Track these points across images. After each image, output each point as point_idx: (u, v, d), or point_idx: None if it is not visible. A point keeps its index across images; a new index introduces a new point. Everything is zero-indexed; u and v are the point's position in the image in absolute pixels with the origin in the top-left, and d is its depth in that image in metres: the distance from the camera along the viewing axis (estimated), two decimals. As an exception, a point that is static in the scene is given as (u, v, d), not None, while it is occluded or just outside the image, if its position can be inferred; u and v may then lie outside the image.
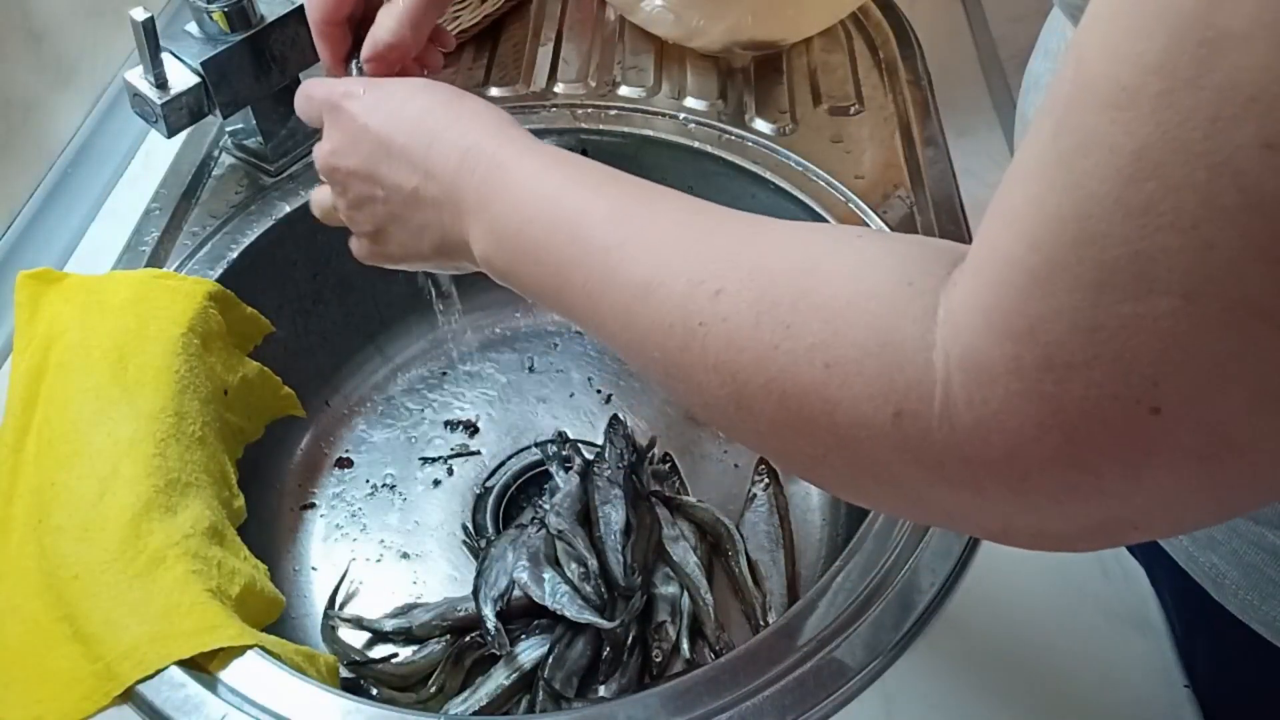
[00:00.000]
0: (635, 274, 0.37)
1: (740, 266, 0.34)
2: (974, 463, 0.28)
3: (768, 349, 0.32)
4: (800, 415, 0.32)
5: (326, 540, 0.80)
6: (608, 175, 0.43)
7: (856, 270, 0.32)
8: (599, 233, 0.39)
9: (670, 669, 0.68)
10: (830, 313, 0.31)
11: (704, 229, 0.38)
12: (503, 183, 0.43)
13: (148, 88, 0.72)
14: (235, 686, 0.53)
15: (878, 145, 0.83)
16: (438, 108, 0.46)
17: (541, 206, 0.42)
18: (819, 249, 0.34)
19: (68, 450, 0.61)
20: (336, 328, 0.88)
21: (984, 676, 0.53)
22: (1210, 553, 0.50)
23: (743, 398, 0.34)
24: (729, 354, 0.33)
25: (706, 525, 0.76)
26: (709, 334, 0.34)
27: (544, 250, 0.41)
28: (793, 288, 0.33)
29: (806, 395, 0.31)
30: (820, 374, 0.31)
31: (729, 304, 0.34)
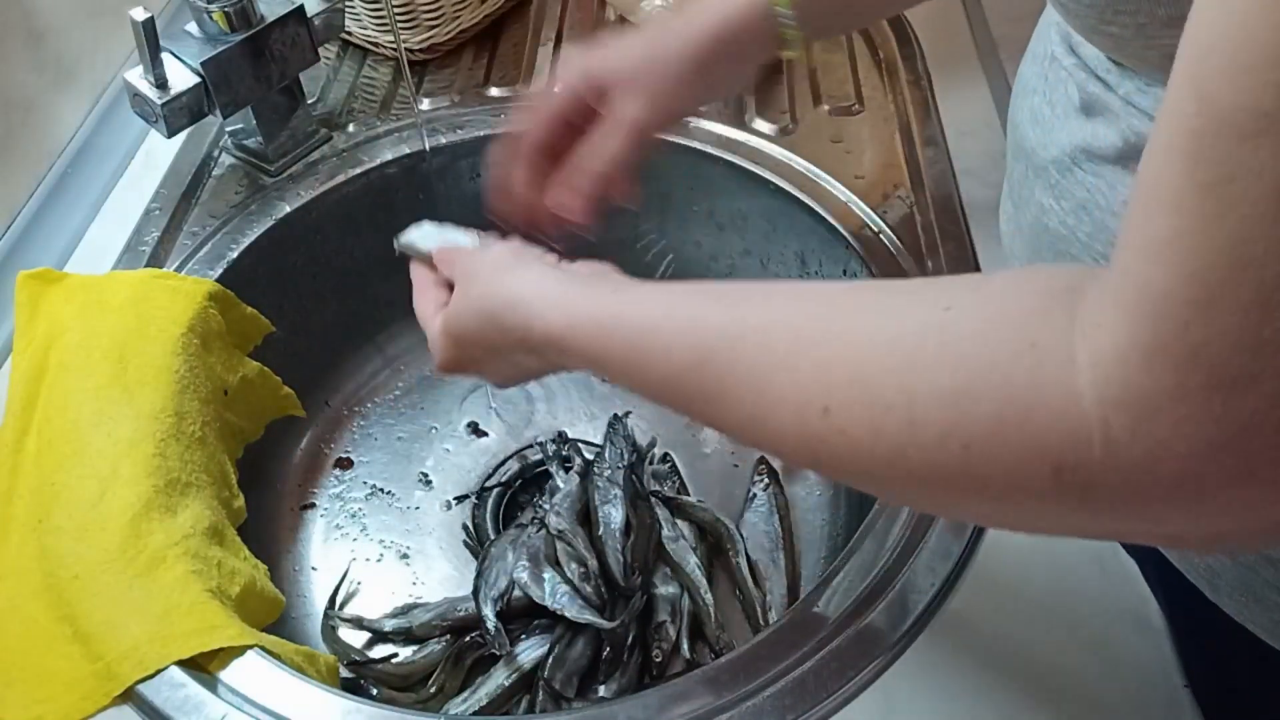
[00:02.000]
0: (740, 414, 0.38)
1: (837, 376, 0.34)
2: (1149, 495, 0.28)
3: (896, 449, 0.32)
4: (951, 493, 0.33)
5: (326, 540, 0.80)
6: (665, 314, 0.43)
7: (966, 348, 0.32)
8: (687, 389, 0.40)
9: (670, 669, 0.68)
10: (953, 399, 0.31)
11: (788, 344, 0.37)
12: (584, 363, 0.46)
13: (148, 88, 0.72)
14: (235, 686, 0.53)
15: (878, 145, 0.83)
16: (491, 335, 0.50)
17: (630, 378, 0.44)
18: (913, 338, 0.33)
19: (68, 450, 0.61)
20: (336, 328, 0.88)
21: (983, 676, 0.53)
22: (1204, 554, 0.50)
23: (886, 488, 0.35)
24: (861, 460, 0.34)
25: (706, 525, 0.76)
26: (832, 450, 0.35)
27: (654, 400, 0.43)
28: (903, 385, 0.32)
29: (953, 477, 0.32)
30: (960, 456, 0.31)
31: (841, 419, 0.34)
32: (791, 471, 0.81)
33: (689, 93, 0.56)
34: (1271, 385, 0.25)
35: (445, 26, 0.92)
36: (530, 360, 0.50)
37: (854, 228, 0.76)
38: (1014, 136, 0.55)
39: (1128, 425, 0.27)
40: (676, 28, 0.57)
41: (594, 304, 0.45)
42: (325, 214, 0.83)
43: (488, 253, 0.53)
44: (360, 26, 0.93)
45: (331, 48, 0.95)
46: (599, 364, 0.45)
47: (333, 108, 0.89)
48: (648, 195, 0.90)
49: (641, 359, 0.42)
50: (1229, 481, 0.27)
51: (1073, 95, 0.47)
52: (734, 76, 0.58)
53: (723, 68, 0.56)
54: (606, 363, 0.44)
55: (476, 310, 0.50)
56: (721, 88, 0.57)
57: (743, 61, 0.57)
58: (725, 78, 0.57)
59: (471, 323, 0.51)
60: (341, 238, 0.84)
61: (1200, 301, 0.26)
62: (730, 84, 0.58)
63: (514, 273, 0.50)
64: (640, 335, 0.42)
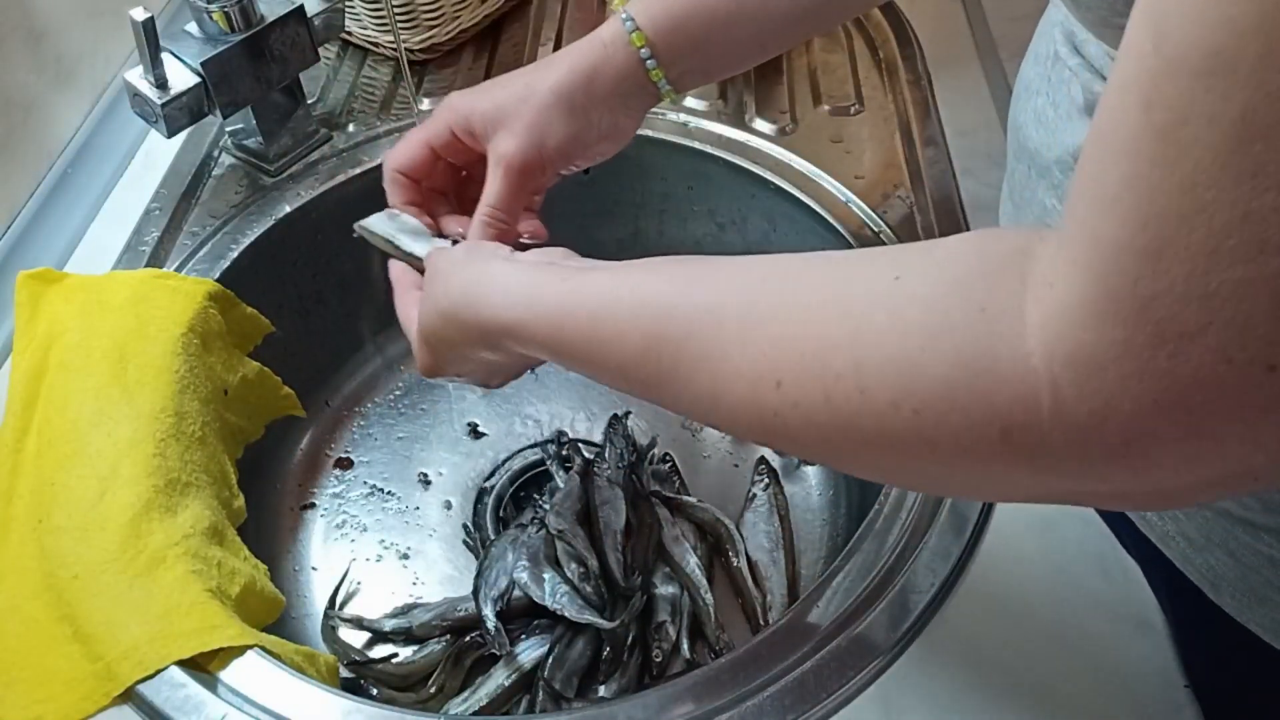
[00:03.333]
0: (696, 392, 0.39)
1: (788, 350, 0.35)
2: (1096, 454, 0.28)
3: (849, 417, 0.33)
4: (904, 457, 0.33)
5: (326, 540, 0.80)
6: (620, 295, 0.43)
7: (915, 316, 0.32)
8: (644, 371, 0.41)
9: (670, 669, 0.68)
10: (901, 366, 0.31)
11: (739, 320, 0.38)
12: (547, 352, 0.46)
13: (148, 88, 0.72)
14: (235, 686, 0.53)
15: (878, 145, 0.83)
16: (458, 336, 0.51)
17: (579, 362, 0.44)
18: (861, 307, 0.34)
19: (68, 450, 0.61)
20: (336, 328, 0.88)
21: (983, 676, 0.53)
22: (1206, 554, 0.50)
23: (841, 457, 0.36)
24: (813, 431, 0.35)
25: (706, 525, 0.76)
26: (786, 421, 0.35)
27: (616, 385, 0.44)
28: (853, 355, 0.33)
29: (906, 441, 0.32)
30: (911, 420, 0.31)
31: (794, 392, 0.34)
32: (791, 471, 0.81)
33: (560, 127, 0.57)
34: (1217, 339, 0.25)
35: (445, 26, 0.92)
36: (495, 355, 0.50)
37: (854, 228, 0.76)
38: (1016, 137, 0.55)
39: (1075, 383, 0.27)
40: (550, 64, 0.58)
41: (545, 294, 0.45)
42: (325, 214, 0.82)
43: (447, 252, 0.54)
44: (360, 26, 0.93)
45: (331, 48, 0.95)
46: (556, 353, 0.45)
47: (333, 108, 0.89)
48: (648, 195, 0.90)
49: (597, 346, 0.43)
50: (1175, 438, 0.27)
51: (1076, 95, 0.47)
52: (607, 114, 0.58)
53: (593, 102, 0.57)
54: (563, 351, 0.45)
55: (439, 310, 0.51)
56: (595, 125, 0.58)
57: (614, 99, 0.58)
58: (597, 114, 0.58)
59: (436, 323, 0.51)
60: (341, 238, 0.83)
61: (1151, 252, 0.25)
62: (606, 122, 0.58)
63: (467, 269, 0.50)
64: (593, 322, 0.43)
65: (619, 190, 0.90)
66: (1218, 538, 0.48)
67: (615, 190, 0.90)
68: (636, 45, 0.57)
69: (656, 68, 0.57)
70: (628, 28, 0.57)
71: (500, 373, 0.55)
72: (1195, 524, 0.49)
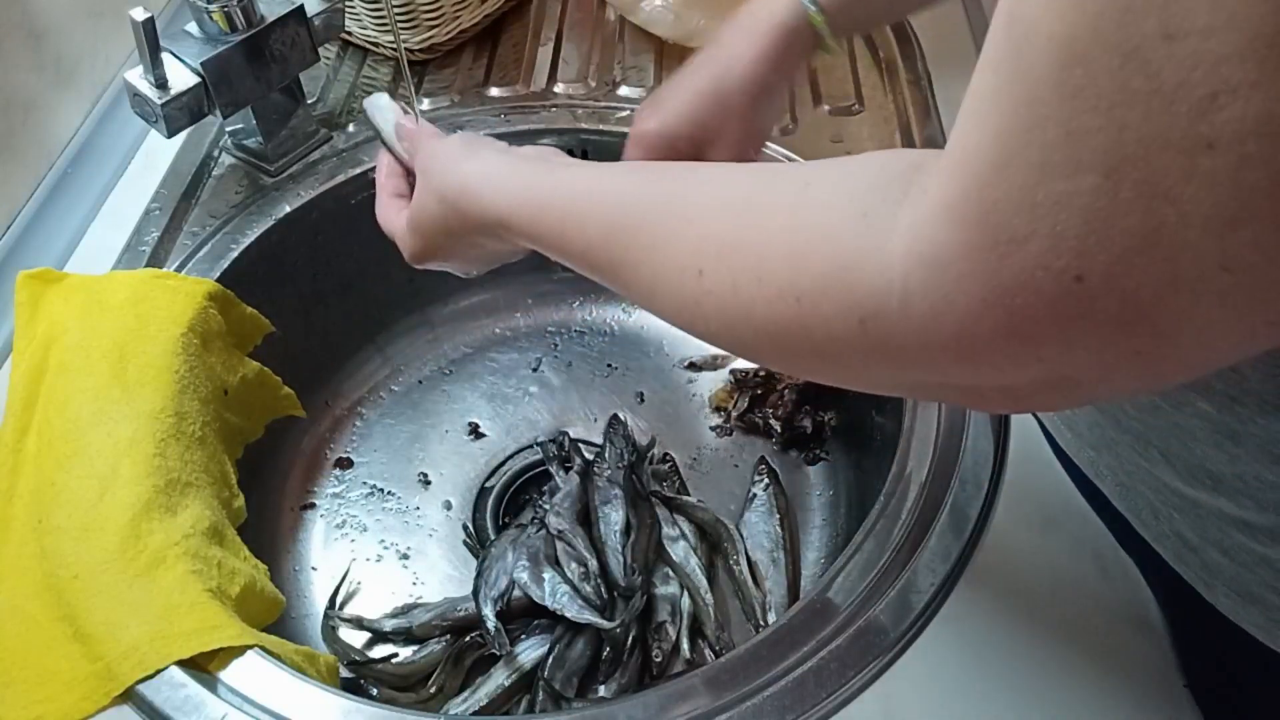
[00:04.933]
0: (640, 279, 0.44)
1: (711, 244, 0.40)
2: (930, 346, 0.31)
3: (748, 303, 0.37)
4: (789, 343, 0.37)
5: (326, 540, 0.80)
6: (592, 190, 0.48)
7: (812, 218, 0.36)
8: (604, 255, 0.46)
9: (670, 669, 0.68)
10: (792, 258, 0.36)
11: (679, 216, 0.43)
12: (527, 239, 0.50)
13: (148, 88, 0.72)
14: (235, 686, 0.53)
15: (878, 145, 0.83)
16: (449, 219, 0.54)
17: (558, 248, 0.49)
18: (777, 203, 0.38)
19: (68, 450, 0.61)
20: (336, 328, 0.88)
21: (983, 676, 0.53)
22: (1200, 553, 0.50)
23: (743, 342, 0.40)
24: (722, 315, 0.39)
25: (706, 525, 0.76)
26: (704, 308, 0.40)
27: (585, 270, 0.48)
28: (758, 250, 0.37)
29: (788, 327, 0.36)
30: (793, 307, 0.35)
31: (710, 280, 0.39)
32: (791, 472, 0.81)
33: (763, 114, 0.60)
34: (1037, 247, 0.27)
35: (445, 26, 0.92)
36: (489, 242, 0.54)
37: (854, 228, 0.76)
38: None
39: (921, 279, 0.30)
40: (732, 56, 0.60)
41: (532, 184, 0.50)
42: (325, 214, 0.83)
43: (444, 142, 0.57)
44: (360, 26, 0.93)
45: (331, 48, 0.95)
46: (537, 240, 0.49)
47: (333, 108, 0.89)
48: (648, 195, 0.90)
49: (567, 232, 0.47)
50: (994, 336, 0.29)
51: None
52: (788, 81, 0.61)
53: (781, 76, 0.60)
54: (541, 238, 0.49)
55: (438, 198, 0.54)
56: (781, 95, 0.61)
57: (796, 62, 0.60)
58: (782, 86, 0.61)
59: (434, 210, 0.55)
60: (341, 238, 0.84)
61: (999, 160, 0.27)
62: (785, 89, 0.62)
63: (467, 160, 0.54)
64: (567, 210, 0.48)
65: (619, 190, 0.90)
66: (1212, 537, 0.48)
67: (615, 190, 0.90)
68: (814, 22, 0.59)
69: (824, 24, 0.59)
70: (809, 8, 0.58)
71: (485, 260, 0.59)
72: (1189, 523, 0.49)
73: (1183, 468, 0.46)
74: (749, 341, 0.40)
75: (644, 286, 0.43)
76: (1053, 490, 0.59)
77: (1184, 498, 0.47)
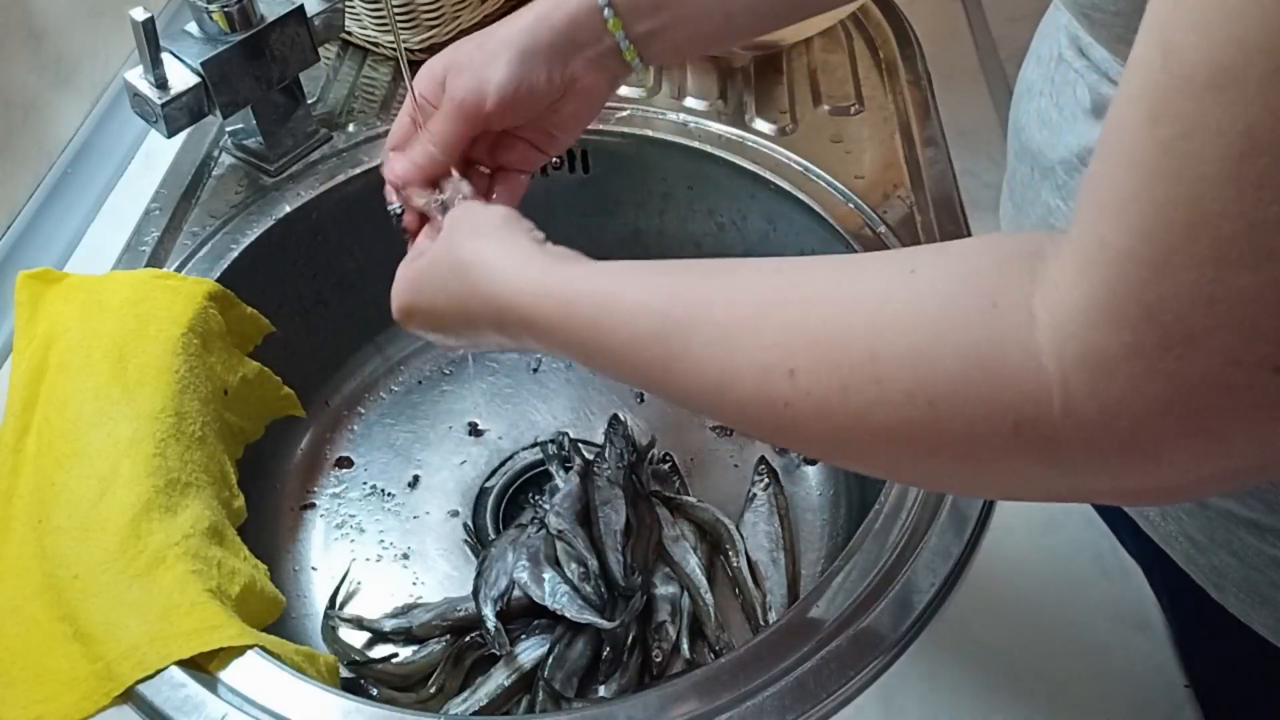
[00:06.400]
0: (704, 380, 0.38)
1: (803, 339, 0.35)
2: (1105, 450, 0.29)
3: (864, 409, 0.33)
4: (916, 450, 0.33)
5: (326, 540, 0.80)
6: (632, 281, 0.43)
7: (929, 307, 0.32)
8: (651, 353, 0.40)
9: (670, 669, 0.68)
10: (917, 357, 0.32)
11: (753, 308, 0.38)
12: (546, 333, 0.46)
13: (148, 88, 0.72)
14: (235, 686, 0.53)
15: (878, 145, 0.83)
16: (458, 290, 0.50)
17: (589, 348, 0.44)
18: (877, 299, 0.34)
19: (68, 450, 0.61)
20: (336, 328, 0.88)
21: (983, 676, 0.53)
22: (1210, 555, 0.50)
23: (851, 448, 0.35)
24: (824, 423, 0.35)
25: (706, 525, 0.76)
26: (798, 413, 0.35)
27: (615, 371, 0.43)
28: (869, 345, 0.33)
29: (917, 435, 0.32)
30: (925, 413, 0.32)
31: (807, 380, 0.34)
32: (792, 471, 0.81)
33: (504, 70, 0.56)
34: (1222, 341, 0.25)
35: (445, 26, 0.92)
36: (488, 326, 0.49)
37: (854, 228, 0.76)
38: (1018, 138, 0.55)
39: (1085, 382, 0.28)
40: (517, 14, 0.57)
41: (564, 276, 0.45)
42: (325, 214, 0.83)
43: (483, 210, 0.54)
44: (360, 26, 0.93)
45: (331, 48, 0.95)
46: (561, 336, 0.45)
47: (333, 108, 0.89)
48: (648, 195, 0.90)
49: (605, 326, 0.42)
50: (1182, 436, 0.27)
51: (1083, 97, 0.47)
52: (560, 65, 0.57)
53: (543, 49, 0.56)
54: (569, 332, 0.44)
55: (453, 260, 0.50)
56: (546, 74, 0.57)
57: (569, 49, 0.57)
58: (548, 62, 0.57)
59: (444, 270, 0.51)
60: (341, 238, 0.84)
61: (1156, 261, 0.26)
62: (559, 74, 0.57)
63: (498, 236, 0.50)
64: (607, 301, 0.42)
65: (619, 190, 0.90)
66: (1221, 539, 0.48)
67: (615, 190, 0.90)
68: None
69: (614, 18, 0.56)
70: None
71: (470, 343, 0.54)
72: (1198, 524, 0.49)
73: None
74: (862, 449, 0.35)
75: (709, 389, 0.38)
76: (1053, 490, 0.59)
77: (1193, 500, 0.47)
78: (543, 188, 0.51)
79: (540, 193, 0.63)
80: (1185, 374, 0.26)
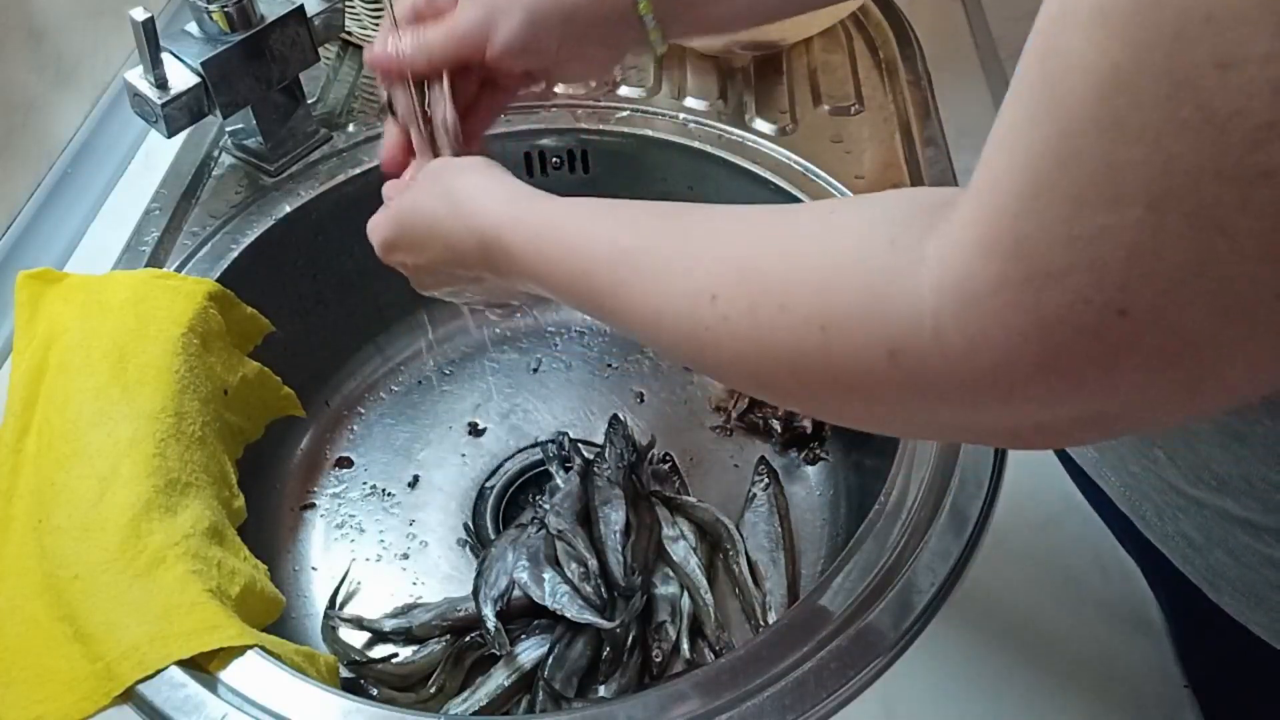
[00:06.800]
0: (644, 307, 0.41)
1: (728, 268, 0.38)
2: (967, 381, 0.30)
3: (768, 331, 0.36)
4: (810, 375, 0.35)
5: (326, 540, 0.80)
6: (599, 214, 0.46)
7: (838, 244, 0.35)
8: (605, 279, 0.44)
9: (670, 669, 0.68)
10: (819, 285, 0.34)
11: (695, 242, 0.41)
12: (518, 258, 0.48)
13: (148, 88, 0.72)
14: (235, 686, 0.53)
15: (878, 145, 0.83)
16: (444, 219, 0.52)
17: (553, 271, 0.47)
18: (799, 232, 0.37)
19: (68, 450, 0.61)
20: (336, 328, 0.88)
21: (983, 676, 0.53)
22: (1206, 554, 0.50)
23: (758, 375, 0.38)
24: (737, 345, 0.37)
25: (706, 525, 0.76)
26: (716, 335, 0.38)
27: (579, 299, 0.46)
28: (781, 275, 0.36)
29: (810, 358, 0.35)
30: (818, 336, 0.34)
31: (725, 305, 0.37)
32: (792, 471, 0.81)
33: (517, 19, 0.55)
34: (1078, 281, 0.26)
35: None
36: (471, 256, 0.51)
37: (854, 228, 0.76)
38: None
39: (954, 313, 0.29)
40: None
41: (540, 206, 0.48)
42: (325, 214, 0.83)
43: (466, 157, 0.56)
44: (360, 26, 0.93)
45: (331, 48, 0.95)
46: (531, 260, 0.47)
47: (333, 108, 0.89)
48: (648, 195, 0.90)
49: (566, 253, 0.45)
50: (1034, 371, 0.28)
51: None
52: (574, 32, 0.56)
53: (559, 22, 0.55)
54: (538, 258, 0.47)
55: (442, 190, 0.52)
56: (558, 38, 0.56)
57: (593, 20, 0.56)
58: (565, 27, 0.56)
59: (430, 204, 0.53)
60: (341, 238, 0.84)
61: (1029, 192, 0.27)
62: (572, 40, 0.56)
63: (486, 173, 0.52)
64: (570, 230, 0.46)
65: (619, 190, 0.90)
66: (1217, 538, 0.48)
67: (615, 190, 0.90)
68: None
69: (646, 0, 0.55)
70: None
71: (449, 280, 0.56)
72: (1195, 524, 0.49)
73: (1187, 468, 0.46)
74: (766, 374, 0.38)
75: (649, 316, 0.41)
76: (1053, 490, 0.59)
77: (1188, 498, 0.47)
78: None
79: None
80: (1041, 309, 0.27)
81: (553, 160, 0.88)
